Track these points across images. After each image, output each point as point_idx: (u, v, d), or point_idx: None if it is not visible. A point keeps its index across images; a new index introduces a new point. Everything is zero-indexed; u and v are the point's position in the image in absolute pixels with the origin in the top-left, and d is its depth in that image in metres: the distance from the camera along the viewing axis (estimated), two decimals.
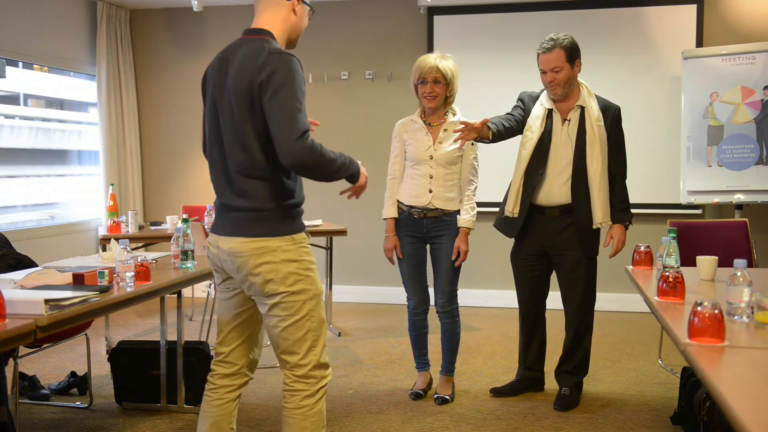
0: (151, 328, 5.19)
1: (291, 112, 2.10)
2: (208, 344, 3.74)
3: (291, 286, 2.22)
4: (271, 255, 2.20)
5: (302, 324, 2.25)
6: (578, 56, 3.37)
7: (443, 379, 3.64)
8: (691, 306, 1.84)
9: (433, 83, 3.37)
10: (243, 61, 2.19)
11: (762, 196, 4.98)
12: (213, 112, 2.30)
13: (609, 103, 3.48)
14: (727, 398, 1.36)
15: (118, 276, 2.66)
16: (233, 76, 2.20)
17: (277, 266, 2.20)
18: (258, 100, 2.14)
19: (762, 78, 4.98)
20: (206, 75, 2.38)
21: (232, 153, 2.22)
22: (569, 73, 3.34)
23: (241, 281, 2.28)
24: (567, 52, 3.31)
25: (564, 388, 3.55)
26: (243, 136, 2.18)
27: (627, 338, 4.87)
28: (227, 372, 2.42)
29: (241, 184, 2.21)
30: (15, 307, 2.12)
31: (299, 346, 2.27)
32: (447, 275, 3.48)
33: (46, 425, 3.30)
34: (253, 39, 2.25)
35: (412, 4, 5.83)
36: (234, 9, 6.28)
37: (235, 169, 2.22)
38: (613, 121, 3.43)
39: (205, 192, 6.38)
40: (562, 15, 5.69)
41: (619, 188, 3.47)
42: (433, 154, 3.42)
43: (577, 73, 3.40)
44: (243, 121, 2.17)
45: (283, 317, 2.24)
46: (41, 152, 5.76)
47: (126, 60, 6.29)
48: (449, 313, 3.53)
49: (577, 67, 3.37)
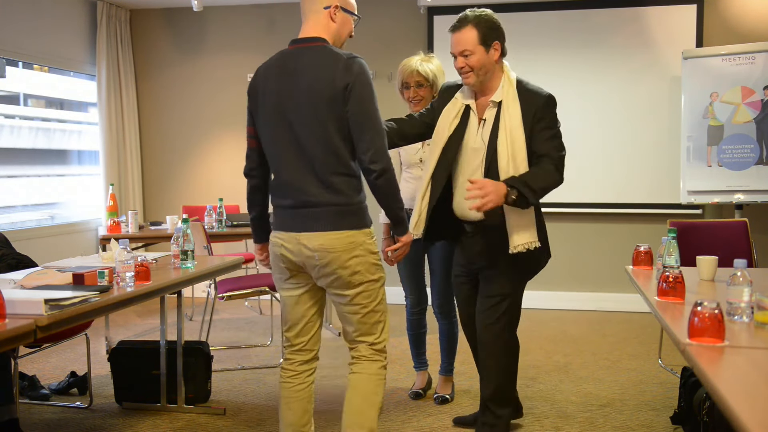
0: (151, 328, 5.19)
1: (378, 120, 2.33)
2: (208, 344, 3.74)
3: (373, 275, 2.42)
4: (360, 248, 2.37)
5: (378, 308, 2.47)
6: (497, 37, 2.69)
7: (442, 378, 3.65)
8: (691, 306, 1.84)
9: (416, 87, 3.34)
10: (320, 67, 2.31)
11: (762, 196, 4.98)
12: (277, 118, 2.38)
13: (536, 93, 2.73)
14: (727, 398, 1.36)
15: (118, 276, 2.66)
16: (312, 81, 2.31)
17: (364, 258, 2.38)
18: (342, 103, 2.29)
19: (762, 78, 4.98)
20: (258, 87, 2.44)
21: (316, 153, 2.33)
22: (483, 58, 2.67)
23: (323, 275, 2.39)
24: (481, 32, 2.66)
25: None
26: (328, 136, 2.31)
27: (627, 338, 4.87)
28: (307, 358, 2.57)
29: (328, 181, 2.33)
30: (15, 307, 2.12)
31: (376, 328, 2.48)
32: (444, 276, 3.49)
33: (46, 425, 3.30)
34: (314, 46, 2.36)
35: (412, 4, 5.83)
36: (234, 9, 6.29)
37: (320, 168, 2.33)
38: (537, 114, 2.68)
39: (205, 192, 6.39)
40: (562, 15, 5.69)
41: (537, 165, 2.66)
42: (423, 157, 3.40)
43: (495, 58, 2.70)
44: (327, 122, 2.30)
45: (365, 304, 2.43)
46: (41, 152, 5.76)
47: (126, 60, 6.29)
48: (446, 314, 3.55)
49: (495, 51, 2.69)
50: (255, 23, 6.28)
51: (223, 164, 6.44)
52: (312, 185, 2.34)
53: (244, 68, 6.31)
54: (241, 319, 5.54)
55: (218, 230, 4.80)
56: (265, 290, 4.22)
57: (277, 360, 4.33)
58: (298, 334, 2.53)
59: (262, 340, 4.83)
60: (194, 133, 6.47)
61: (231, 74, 6.34)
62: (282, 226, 2.42)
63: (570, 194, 5.68)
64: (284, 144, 2.37)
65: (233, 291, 4.13)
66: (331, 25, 2.41)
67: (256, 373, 4.11)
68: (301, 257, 2.38)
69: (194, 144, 6.48)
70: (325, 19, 2.40)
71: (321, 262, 2.35)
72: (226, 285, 4.18)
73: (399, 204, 2.42)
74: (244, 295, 4.19)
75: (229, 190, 6.32)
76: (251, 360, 4.38)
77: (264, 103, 2.40)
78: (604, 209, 5.73)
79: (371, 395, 2.48)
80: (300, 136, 2.33)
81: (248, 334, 5.03)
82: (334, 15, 2.40)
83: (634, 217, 5.73)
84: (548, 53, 5.69)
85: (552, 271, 5.57)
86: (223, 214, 4.88)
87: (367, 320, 2.46)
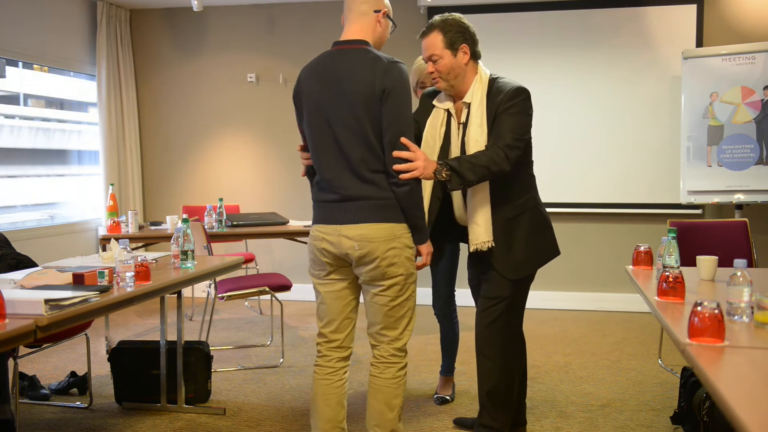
0: (151, 328, 5.19)
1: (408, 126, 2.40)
2: (208, 344, 3.74)
3: (407, 269, 2.47)
4: (397, 241, 2.43)
5: (406, 303, 2.51)
6: (465, 40, 2.64)
7: (443, 379, 3.66)
8: (691, 306, 1.84)
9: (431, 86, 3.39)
10: (361, 69, 2.38)
11: (762, 196, 4.98)
12: (318, 117, 2.45)
13: (502, 87, 2.65)
14: (727, 398, 1.36)
15: (118, 276, 2.66)
16: (352, 82, 2.38)
17: (400, 251, 2.44)
18: (378, 105, 2.36)
19: (762, 78, 4.98)
20: (300, 90, 2.52)
21: (353, 151, 2.40)
22: (451, 62, 2.64)
23: (361, 264, 2.44)
24: (447, 36, 2.63)
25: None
26: (365, 134, 2.38)
27: (627, 338, 4.87)
28: (343, 355, 2.62)
29: (367, 177, 2.40)
30: (15, 307, 2.12)
31: (400, 323, 2.52)
32: (445, 278, 3.52)
33: (46, 425, 3.30)
34: (356, 49, 2.43)
35: (412, 4, 5.83)
36: (234, 9, 6.29)
37: (357, 165, 2.40)
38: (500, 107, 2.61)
39: (205, 192, 6.39)
40: (562, 15, 5.69)
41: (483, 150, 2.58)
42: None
43: (464, 62, 2.66)
44: (364, 122, 2.37)
45: (394, 297, 2.47)
46: (41, 152, 5.76)
47: (126, 60, 6.29)
48: (447, 315, 3.56)
49: (463, 54, 2.65)
50: (255, 23, 6.28)
51: (223, 164, 6.44)
52: (351, 181, 2.41)
53: (244, 68, 6.31)
54: (241, 319, 5.54)
55: (218, 230, 4.80)
56: (265, 290, 4.22)
57: (278, 360, 4.33)
58: (336, 330, 2.58)
59: (262, 340, 4.82)
60: (194, 133, 6.47)
61: (231, 74, 6.34)
62: (323, 220, 2.50)
63: (570, 194, 5.69)
64: (324, 142, 2.44)
65: (233, 291, 4.13)
66: (378, 29, 2.49)
67: (256, 373, 4.11)
68: (342, 249, 2.44)
69: (194, 144, 6.48)
70: (373, 23, 2.48)
71: (361, 252, 2.41)
72: (226, 285, 4.19)
73: (419, 213, 2.47)
74: (244, 295, 4.19)
75: (229, 190, 6.33)
76: (251, 360, 4.38)
77: (307, 103, 2.48)
78: (604, 209, 5.73)
79: (391, 399, 2.54)
80: (338, 135, 2.40)
81: (248, 334, 5.03)
82: (381, 19, 2.49)
83: (634, 217, 5.73)
84: (548, 53, 5.69)
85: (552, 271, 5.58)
86: (223, 214, 4.88)
87: (394, 314, 2.50)
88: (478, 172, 2.52)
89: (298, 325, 5.32)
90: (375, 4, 2.48)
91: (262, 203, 6.28)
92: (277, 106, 6.24)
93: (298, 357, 4.42)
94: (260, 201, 6.30)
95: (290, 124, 6.21)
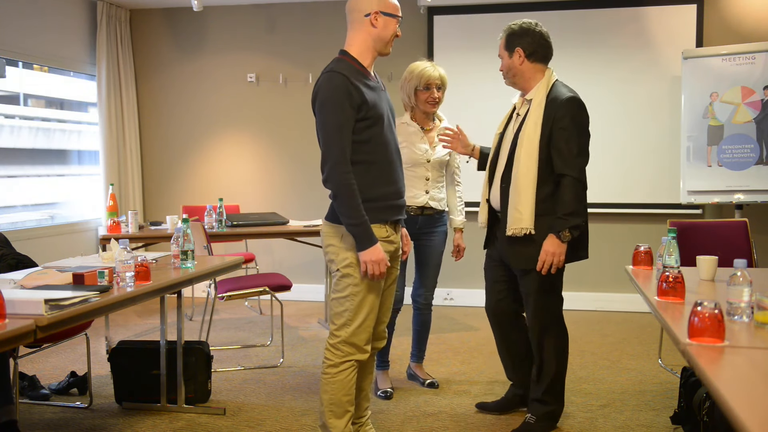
0: (151, 328, 5.19)
1: (329, 138, 2.49)
2: (207, 344, 3.74)
3: (344, 268, 2.59)
4: (335, 239, 2.63)
5: (343, 301, 2.61)
6: (520, 44, 3.00)
7: (420, 366, 3.86)
8: (691, 306, 1.84)
9: (436, 89, 3.56)
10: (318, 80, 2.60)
11: (762, 196, 4.98)
12: None
13: (559, 93, 2.96)
14: (727, 398, 1.36)
15: (118, 276, 2.66)
16: None
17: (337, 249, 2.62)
18: None
19: (762, 78, 4.98)
20: None
21: None
22: (508, 62, 3.05)
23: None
24: (506, 39, 3.06)
25: (530, 415, 3.15)
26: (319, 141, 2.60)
27: (627, 338, 4.87)
28: None
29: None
30: (15, 307, 2.12)
31: (338, 319, 2.64)
32: (435, 270, 3.72)
33: (46, 425, 3.30)
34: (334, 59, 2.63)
35: (412, 4, 5.83)
36: (234, 9, 6.29)
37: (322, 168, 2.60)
38: (554, 114, 2.90)
39: (205, 192, 6.39)
40: (562, 15, 5.69)
41: (561, 192, 2.89)
42: (430, 158, 3.60)
43: (520, 63, 3.02)
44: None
45: (333, 290, 2.65)
46: (41, 152, 5.76)
47: (126, 60, 6.29)
48: (429, 306, 3.77)
49: (518, 56, 3.01)
50: (255, 23, 6.28)
51: (223, 164, 6.44)
52: None
53: (244, 68, 6.31)
54: (241, 319, 5.54)
55: (218, 230, 4.80)
56: (265, 290, 4.22)
57: (278, 360, 4.33)
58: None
59: (262, 340, 4.83)
60: (194, 133, 6.47)
61: (231, 74, 6.34)
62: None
63: None
64: None
65: (233, 291, 4.13)
66: (372, 32, 2.59)
67: (256, 373, 4.11)
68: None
69: (194, 144, 6.48)
70: (365, 27, 2.59)
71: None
72: (226, 285, 4.19)
73: (348, 220, 2.52)
74: (244, 295, 4.19)
75: (229, 190, 6.33)
76: (251, 360, 4.38)
77: None
78: (604, 209, 5.72)
79: (321, 393, 2.68)
80: None
81: (248, 334, 5.03)
82: (375, 21, 2.58)
83: (634, 217, 5.73)
84: None
85: None
86: (223, 214, 4.88)
87: (333, 306, 2.65)
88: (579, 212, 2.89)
89: (298, 325, 5.32)
90: (363, 8, 2.58)
91: (262, 203, 6.28)
92: (277, 106, 6.24)
93: (298, 357, 4.42)
94: (260, 201, 6.30)
95: (290, 124, 6.23)
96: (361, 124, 2.52)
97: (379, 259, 2.52)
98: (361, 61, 2.61)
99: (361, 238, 2.52)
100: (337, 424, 2.65)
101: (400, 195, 2.69)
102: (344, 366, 2.63)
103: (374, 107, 2.55)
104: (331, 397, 2.64)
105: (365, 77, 2.59)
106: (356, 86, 2.50)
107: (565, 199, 2.86)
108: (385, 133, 2.60)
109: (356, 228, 2.51)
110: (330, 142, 2.49)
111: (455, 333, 4.99)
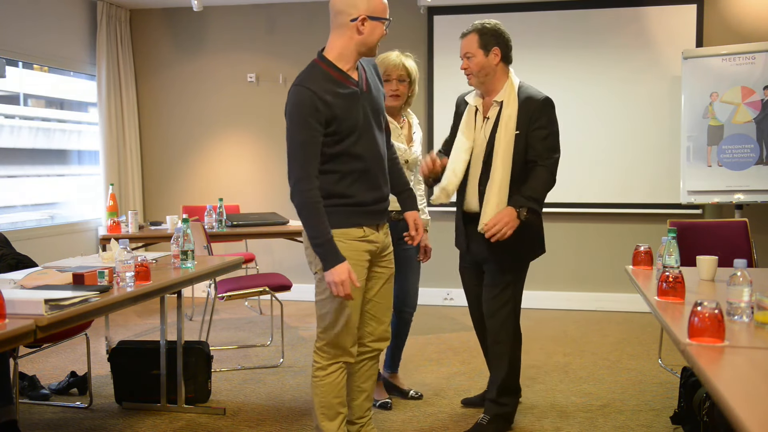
0: (151, 328, 5.19)
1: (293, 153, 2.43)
2: (207, 344, 3.75)
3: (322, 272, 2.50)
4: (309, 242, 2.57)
5: (323, 304, 2.58)
6: (498, 44, 2.95)
7: (396, 375, 3.64)
8: (691, 306, 1.84)
9: (398, 81, 3.28)
10: None
11: (762, 196, 4.98)
12: None
13: (533, 95, 2.96)
14: (727, 398, 1.36)
15: (118, 276, 2.66)
16: None
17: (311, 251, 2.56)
18: None
19: (762, 78, 4.97)
20: None
21: None
22: (482, 61, 2.94)
23: None
24: (481, 37, 2.95)
25: (483, 415, 3.13)
26: None
27: (627, 338, 4.87)
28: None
29: None
30: (15, 307, 2.12)
31: (321, 321, 2.62)
32: (417, 274, 3.52)
33: (46, 425, 3.30)
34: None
35: (412, 4, 5.83)
36: (234, 9, 6.29)
37: None
38: (532, 116, 2.92)
39: (205, 192, 6.39)
40: (562, 15, 5.69)
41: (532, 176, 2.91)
42: (409, 158, 3.37)
43: (495, 63, 2.96)
44: None
45: (315, 292, 2.61)
46: (41, 152, 5.76)
47: (126, 60, 6.29)
48: (412, 312, 3.55)
49: (494, 55, 2.94)
50: (255, 23, 6.28)
51: (223, 164, 6.44)
52: None
53: (244, 68, 6.31)
54: (241, 319, 5.54)
55: (218, 230, 4.80)
56: (265, 290, 4.22)
57: (278, 360, 4.33)
58: None
59: (262, 340, 4.83)
60: (194, 133, 6.47)
61: (231, 74, 6.34)
62: None
63: (570, 194, 5.68)
64: None
65: (233, 291, 4.13)
66: (356, 37, 2.44)
67: (256, 373, 4.11)
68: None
69: (194, 144, 6.48)
70: (350, 32, 2.43)
71: None
72: (226, 285, 4.19)
73: (310, 231, 2.45)
74: (244, 295, 4.19)
75: (229, 190, 6.33)
76: (251, 360, 4.38)
77: None
78: (604, 209, 5.73)
79: (313, 396, 2.68)
80: None
81: (248, 334, 5.03)
82: (361, 26, 2.42)
83: (634, 217, 5.73)
84: (548, 53, 5.69)
85: (552, 271, 5.59)
86: (223, 214, 4.88)
87: (317, 308, 2.62)
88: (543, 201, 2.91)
89: (298, 325, 5.32)
90: (349, 12, 2.41)
91: (262, 203, 6.28)
92: (277, 106, 6.18)
93: (298, 357, 4.42)
94: (260, 201, 6.30)
95: None
96: (329, 139, 2.41)
97: (342, 281, 2.40)
98: (341, 66, 2.46)
99: (324, 257, 2.42)
100: (329, 426, 2.62)
101: (380, 200, 2.58)
102: (332, 368, 2.62)
103: (346, 120, 2.42)
104: (321, 400, 2.62)
105: (340, 84, 2.44)
106: (325, 101, 2.37)
107: (533, 185, 2.89)
108: (360, 143, 2.46)
109: (319, 247, 2.43)
110: (292, 159, 2.42)
111: (455, 333, 4.99)
